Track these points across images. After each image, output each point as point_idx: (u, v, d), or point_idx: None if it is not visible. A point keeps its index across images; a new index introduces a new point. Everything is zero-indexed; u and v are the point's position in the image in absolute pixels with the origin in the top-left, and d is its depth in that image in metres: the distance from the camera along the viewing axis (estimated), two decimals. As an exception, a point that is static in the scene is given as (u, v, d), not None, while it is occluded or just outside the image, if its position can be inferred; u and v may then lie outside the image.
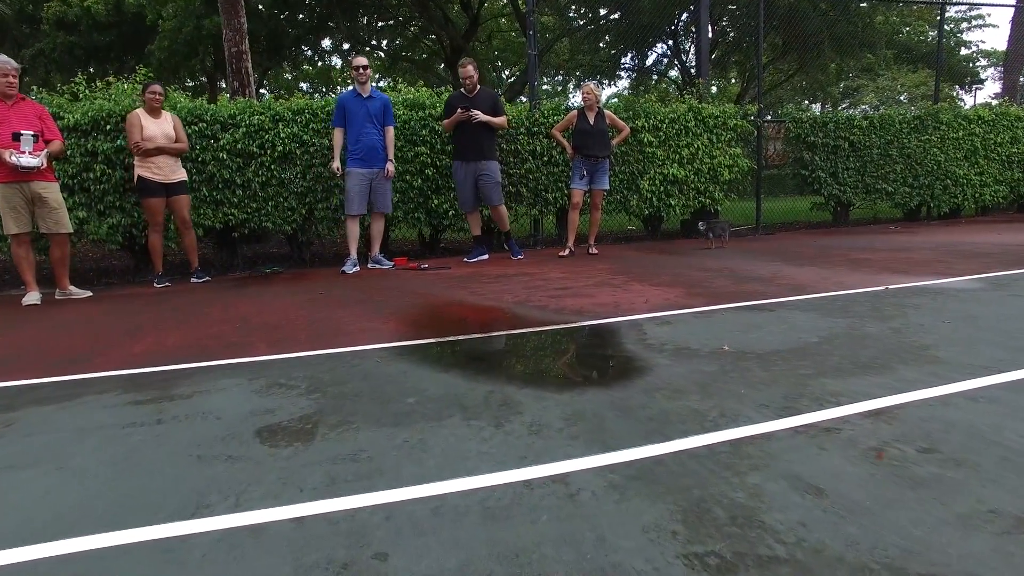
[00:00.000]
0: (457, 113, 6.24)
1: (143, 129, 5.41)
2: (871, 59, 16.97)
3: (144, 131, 5.41)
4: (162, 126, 5.52)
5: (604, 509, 1.57)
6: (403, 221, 7.06)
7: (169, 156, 5.57)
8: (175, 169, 5.63)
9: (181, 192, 5.70)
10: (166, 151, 5.51)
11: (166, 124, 5.55)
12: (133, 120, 5.44)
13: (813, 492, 1.62)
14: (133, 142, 5.43)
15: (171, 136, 5.56)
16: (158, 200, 5.56)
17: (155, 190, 5.52)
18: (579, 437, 2.00)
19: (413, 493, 1.68)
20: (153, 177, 5.51)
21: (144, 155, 5.44)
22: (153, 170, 5.50)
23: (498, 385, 2.55)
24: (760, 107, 9.09)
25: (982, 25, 25.41)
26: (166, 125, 5.55)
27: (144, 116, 5.46)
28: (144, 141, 5.39)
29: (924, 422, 2.06)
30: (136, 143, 5.41)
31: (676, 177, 7.86)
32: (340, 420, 2.23)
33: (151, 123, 5.46)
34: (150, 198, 5.54)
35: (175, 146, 5.58)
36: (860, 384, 2.44)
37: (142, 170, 5.49)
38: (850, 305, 3.86)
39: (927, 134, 9.47)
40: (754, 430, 2.03)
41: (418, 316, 3.94)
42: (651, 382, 2.52)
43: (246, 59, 8.47)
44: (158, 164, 5.51)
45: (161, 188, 5.55)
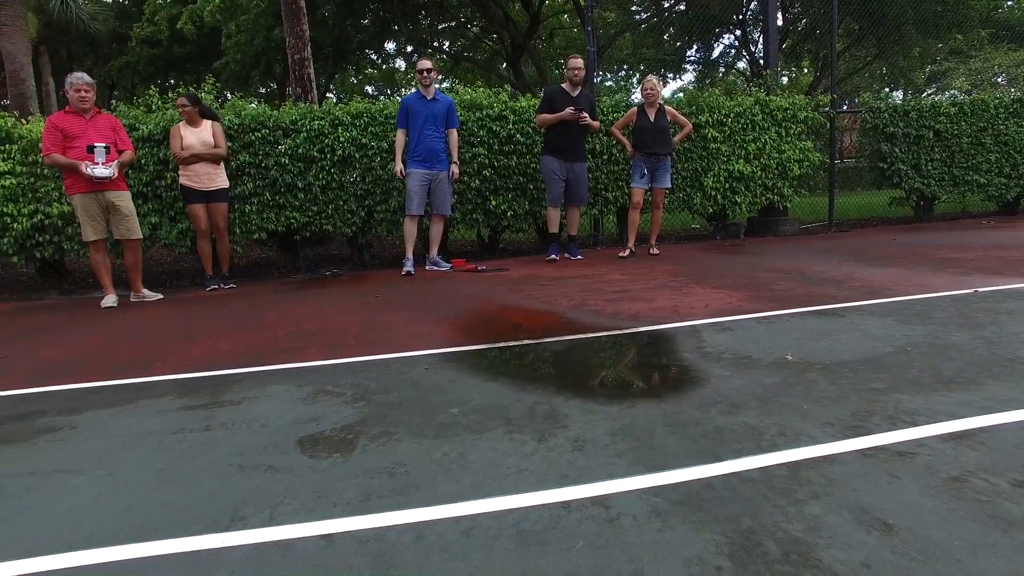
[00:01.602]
0: (566, 111, 6.07)
1: (182, 139, 5.63)
2: (960, 40, 15.82)
3: (183, 141, 5.63)
4: (200, 135, 5.70)
5: (644, 537, 1.46)
6: (461, 222, 7.06)
7: (208, 164, 5.73)
8: (213, 177, 5.78)
9: (220, 200, 5.85)
10: (203, 158, 5.67)
11: (204, 132, 5.73)
12: (173, 132, 5.69)
13: (881, 528, 1.46)
14: (174, 153, 5.68)
15: (209, 143, 5.73)
16: (200, 207, 5.75)
17: (196, 197, 5.72)
18: (625, 455, 1.90)
19: (446, 512, 1.62)
20: (193, 185, 5.71)
21: (183, 163, 5.66)
22: (192, 178, 5.70)
23: (545, 396, 2.46)
24: (833, 97, 8.62)
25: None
26: (204, 133, 5.72)
27: (183, 127, 5.69)
28: (182, 151, 5.62)
29: (1019, 449, 1.85)
30: (176, 154, 5.66)
31: (742, 173, 7.55)
32: (382, 431, 2.20)
33: (189, 133, 5.67)
34: (193, 205, 5.74)
35: (212, 151, 5.72)
36: (941, 402, 2.23)
37: (184, 179, 5.72)
38: (932, 311, 3.57)
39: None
40: (816, 452, 1.87)
41: (470, 321, 3.90)
42: (706, 395, 2.38)
43: (308, 66, 8.68)
44: (196, 172, 5.69)
45: (202, 195, 5.74)
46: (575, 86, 6.23)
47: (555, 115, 6.12)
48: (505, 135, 6.85)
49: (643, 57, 20.86)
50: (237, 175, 6.34)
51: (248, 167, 6.35)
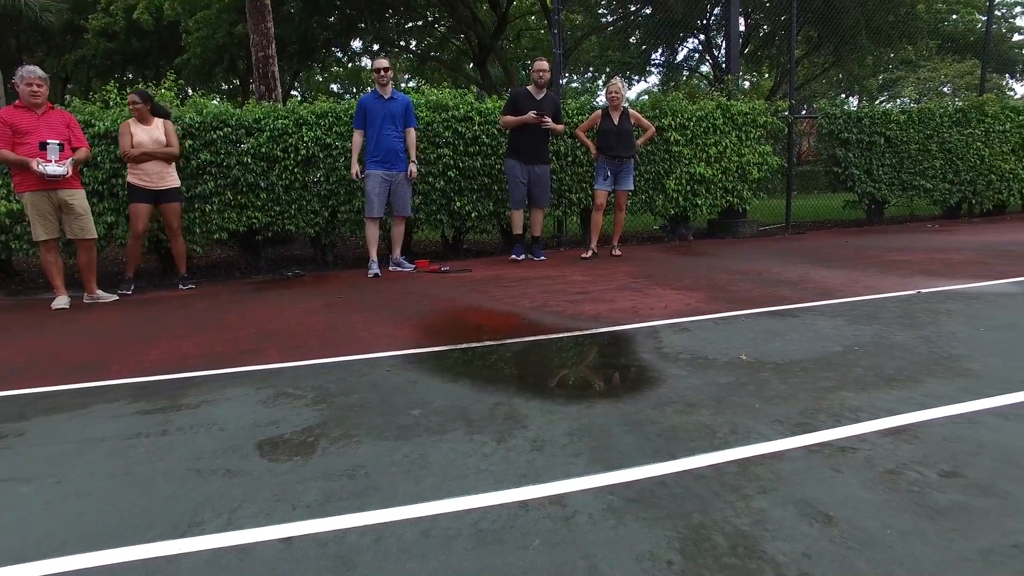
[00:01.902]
0: (528, 115, 6.14)
1: (132, 137, 5.48)
2: (909, 51, 16.42)
3: (133, 138, 5.48)
4: (152, 132, 5.56)
5: (599, 535, 1.50)
6: (426, 223, 7.05)
7: (159, 163, 5.58)
8: (164, 176, 5.63)
9: (172, 200, 5.71)
10: (155, 156, 5.53)
11: (156, 131, 5.59)
12: (123, 129, 5.53)
13: (822, 519, 1.54)
14: (122, 149, 5.52)
15: (161, 142, 5.59)
16: (144, 206, 5.59)
17: (142, 196, 5.57)
18: (582, 454, 1.94)
19: (406, 513, 1.64)
20: (141, 183, 5.55)
21: (133, 161, 5.51)
22: (142, 177, 5.55)
23: (506, 397, 2.50)
24: (792, 103, 8.85)
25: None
26: (156, 131, 5.58)
27: (134, 124, 5.54)
28: (132, 149, 5.47)
29: (949, 442, 1.95)
30: (124, 151, 5.50)
31: (703, 176, 7.70)
32: (343, 433, 2.21)
33: (140, 130, 5.52)
34: (137, 204, 5.57)
35: (164, 150, 5.58)
36: (883, 399, 2.33)
37: (132, 177, 5.56)
38: (879, 311, 3.71)
39: (970, 127, 9.09)
40: (765, 448, 1.94)
41: (433, 322, 3.92)
42: (663, 394, 2.44)
43: (272, 64, 8.56)
44: (146, 171, 5.54)
45: (149, 195, 5.59)
46: (540, 88, 6.30)
47: (518, 118, 6.20)
48: (470, 136, 6.86)
49: (609, 59, 21.08)
50: (198, 174, 6.23)
51: (209, 166, 6.24)
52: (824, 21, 14.38)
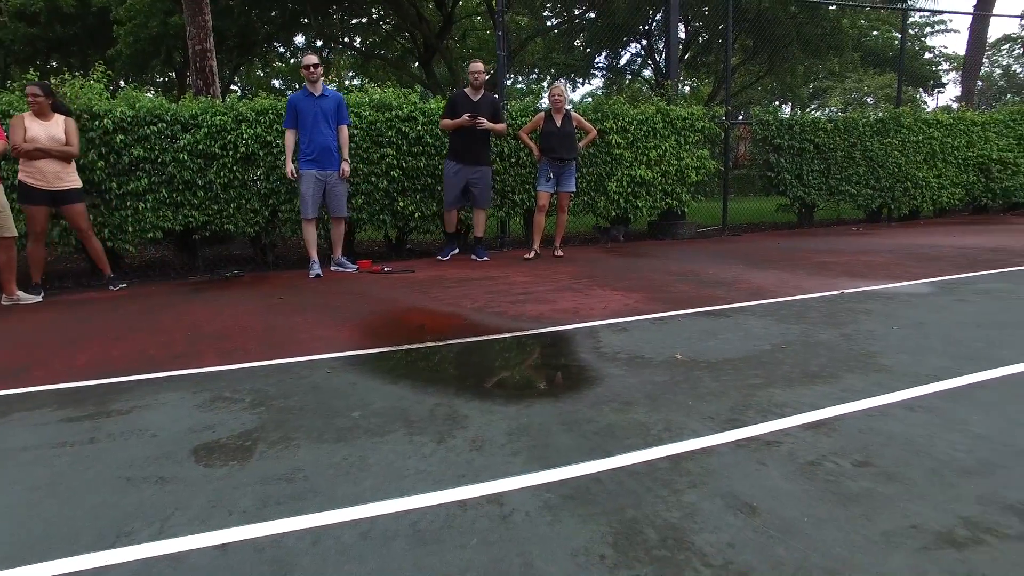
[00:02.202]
0: (463, 118, 6.21)
1: (26, 131, 5.06)
2: (835, 63, 17.25)
3: (27, 132, 5.05)
4: (49, 129, 5.15)
5: (536, 532, 1.55)
6: (368, 223, 6.98)
7: (55, 161, 5.16)
8: (62, 176, 5.21)
9: (73, 200, 5.30)
10: (50, 153, 5.11)
11: (54, 127, 5.18)
12: (15, 122, 5.09)
13: (747, 511, 1.62)
14: (13, 144, 5.05)
15: (59, 139, 5.18)
16: (38, 208, 5.16)
17: (36, 197, 5.13)
18: (520, 453, 1.98)
19: (344, 515, 1.65)
20: (34, 183, 5.11)
21: (26, 157, 5.08)
22: (36, 176, 5.11)
23: (446, 397, 2.52)
24: (728, 109, 9.15)
25: (944, 30, 26.31)
26: (54, 128, 5.17)
27: (29, 118, 5.12)
28: (24, 143, 5.03)
29: (863, 434, 2.08)
30: (15, 145, 5.04)
31: (644, 179, 7.88)
32: (281, 436, 2.19)
33: (36, 125, 5.11)
34: (29, 205, 5.14)
35: (62, 149, 5.16)
36: (806, 394, 2.46)
37: (24, 175, 5.12)
38: (806, 311, 3.90)
39: (889, 137, 9.62)
40: (697, 444, 2.03)
41: (374, 323, 3.90)
42: (601, 394, 2.51)
43: (210, 58, 8.30)
44: (40, 170, 5.12)
45: (45, 196, 5.16)
46: (477, 89, 6.38)
47: (454, 121, 6.28)
48: (414, 136, 6.84)
49: (554, 62, 21.30)
50: (130, 170, 6.00)
51: (143, 162, 6.02)
52: (759, 31, 14.94)
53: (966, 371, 2.68)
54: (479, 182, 6.47)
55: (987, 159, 10.35)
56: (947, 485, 1.73)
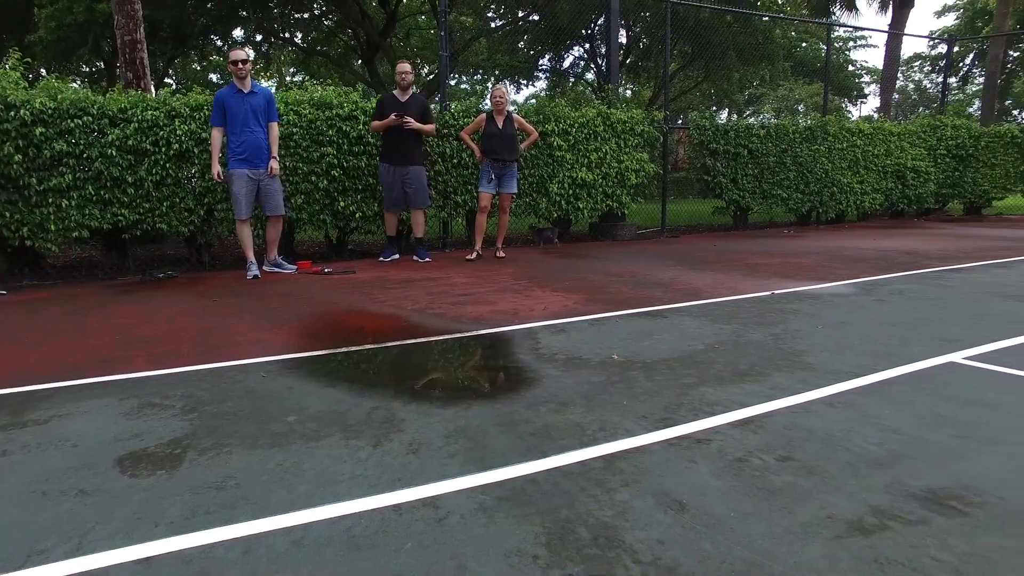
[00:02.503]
0: (389, 118, 6.25)
1: None
2: (767, 71, 17.94)
3: None
4: None
5: (470, 534, 1.56)
6: (308, 223, 6.85)
7: None
8: None
9: None
10: None
11: None
12: None
13: (676, 508, 1.67)
14: None
15: None
16: None
17: None
18: (457, 456, 1.99)
19: (277, 523, 1.63)
20: None
21: None
22: None
23: (384, 400, 2.51)
24: (667, 113, 9.38)
25: (865, 45, 27.90)
26: None
27: None
28: None
29: (787, 430, 2.18)
30: None
31: (585, 181, 8.00)
32: (213, 443, 2.13)
33: None
34: None
35: None
36: (736, 393, 2.55)
37: None
38: (738, 311, 4.04)
39: (816, 144, 10.06)
40: (630, 443, 2.08)
41: (313, 325, 3.83)
42: (538, 395, 2.54)
43: (141, 49, 7.97)
44: None
45: None
46: (404, 90, 6.42)
47: (383, 122, 6.31)
48: (355, 135, 6.74)
49: (498, 63, 21.35)
50: (52, 165, 5.71)
51: (66, 157, 5.73)
52: (697, 38, 15.37)
53: (881, 368, 2.83)
54: (412, 182, 6.46)
55: (903, 167, 10.96)
56: (860, 476, 1.84)
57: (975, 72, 26.69)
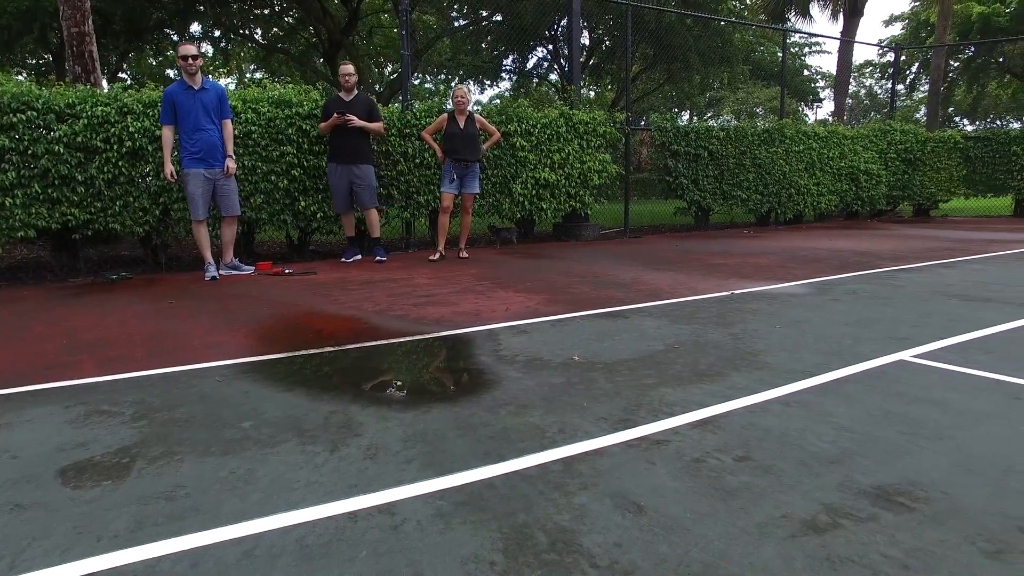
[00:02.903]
0: (333, 117, 6.22)
1: None
2: (727, 74, 18.28)
3: None
4: None
5: (427, 541, 1.54)
6: (269, 223, 6.72)
7: None
8: None
9: None
10: None
11: None
12: None
13: (634, 510, 1.68)
14: None
15: None
16: None
17: None
18: (415, 460, 1.97)
19: (228, 534, 1.58)
20: None
21: None
22: None
23: (342, 405, 2.47)
24: (628, 115, 9.47)
25: (820, 51, 28.76)
26: None
27: None
28: None
29: (744, 430, 2.20)
30: None
31: (548, 181, 8.02)
32: (163, 451, 2.07)
33: None
34: None
35: None
36: (695, 393, 2.58)
37: None
38: (698, 311, 4.09)
39: (774, 147, 10.28)
40: (589, 446, 2.08)
41: (271, 328, 3.76)
42: (498, 397, 2.53)
43: (90, 42, 7.71)
44: None
45: None
46: (349, 91, 6.40)
47: (327, 122, 6.30)
48: (316, 134, 6.65)
49: (462, 63, 21.29)
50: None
51: (9, 153, 5.52)
52: (658, 41, 15.55)
53: (834, 366, 2.90)
54: (361, 181, 6.42)
55: (856, 170, 11.28)
56: (814, 475, 1.87)
57: (921, 80, 27.71)
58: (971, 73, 24.60)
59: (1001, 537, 1.53)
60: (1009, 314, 3.90)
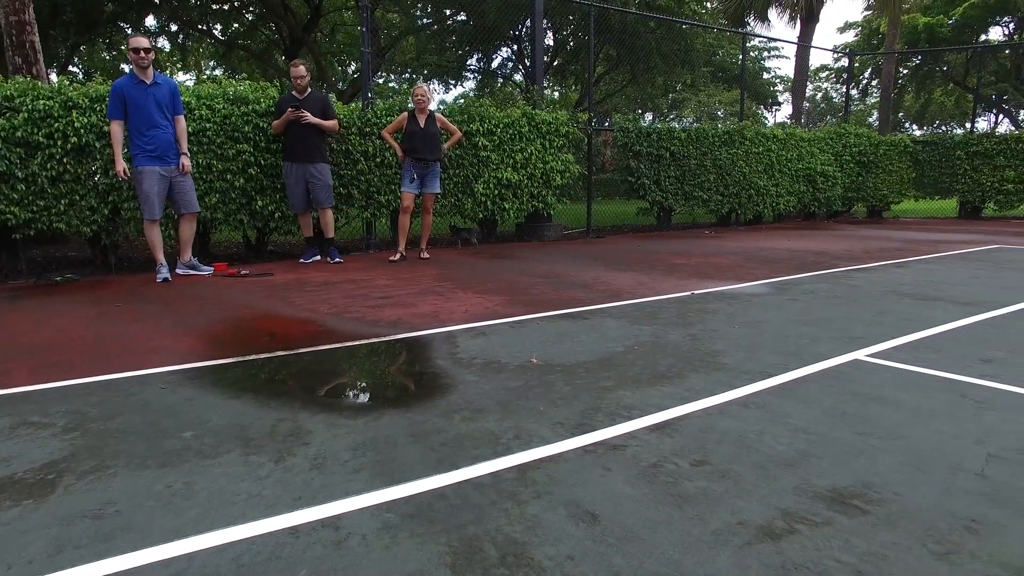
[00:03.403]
0: (286, 113, 6.11)
1: None
2: (689, 77, 18.52)
3: None
4: None
5: (371, 556, 1.47)
6: (224, 223, 6.53)
7: None
8: None
9: None
10: None
11: None
12: None
13: (588, 520, 1.63)
14: None
15: None
16: None
17: None
18: (363, 470, 1.89)
19: (157, 554, 1.48)
20: None
21: None
22: None
23: (291, 411, 2.37)
24: (591, 115, 9.48)
25: (779, 55, 29.44)
26: None
27: None
28: None
29: (702, 433, 2.18)
30: None
31: (510, 181, 7.98)
32: (95, 465, 1.95)
33: None
34: None
35: None
36: (653, 395, 2.55)
37: None
38: (659, 311, 4.08)
39: (735, 148, 10.41)
40: (545, 452, 2.03)
41: (222, 332, 3.62)
42: (453, 402, 2.46)
43: (31, 32, 7.39)
44: None
45: None
46: (302, 91, 6.28)
47: (280, 120, 6.20)
48: (271, 133, 6.48)
49: (426, 62, 21.10)
50: (-77, 158, 5.21)
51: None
52: (622, 42, 15.65)
53: (792, 367, 2.90)
54: (316, 179, 6.32)
55: (813, 172, 11.50)
56: (770, 478, 1.85)
57: (873, 85, 28.55)
58: (918, 80, 25.48)
59: (950, 538, 1.53)
60: (956, 313, 3.99)
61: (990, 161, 12.03)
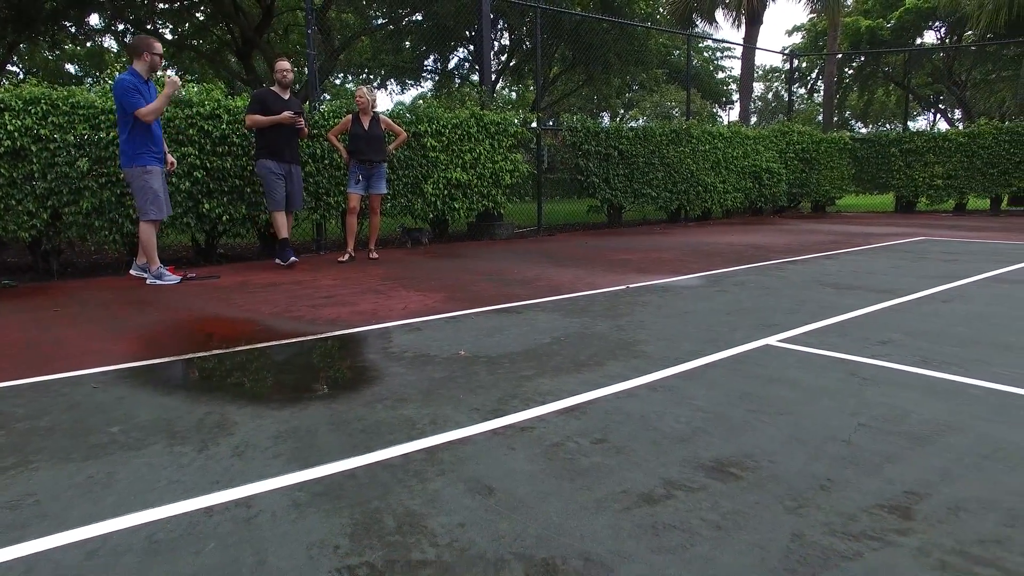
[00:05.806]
0: (284, 115, 6.05)
1: None
2: (643, 76, 18.88)
3: None
4: None
5: (277, 530, 1.58)
6: (171, 226, 6.49)
7: None
8: None
9: None
10: None
11: None
12: None
13: (484, 492, 1.77)
14: None
15: None
16: None
17: None
18: (282, 456, 2.00)
19: (71, 537, 1.57)
20: None
21: None
22: None
23: (219, 406, 2.46)
24: (539, 115, 9.65)
25: (732, 56, 30.24)
26: None
27: None
28: None
29: (608, 414, 2.33)
30: None
31: (460, 181, 8.09)
32: (18, 461, 2.01)
33: None
34: None
35: None
36: (569, 382, 2.70)
37: None
38: (591, 305, 4.25)
39: (682, 146, 10.71)
40: (456, 435, 2.16)
41: (160, 333, 3.66)
42: (378, 392, 2.58)
43: (-33, 36, 7.24)
44: None
45: None
46: (284, 88, 6.26)
47: (271, 118, 6.07)
48: (219, 135, 6.46)
49: (383, 63, 21.06)
50: None
51: None
52: (576, 43, 15.89)
53: (707, 353, 3.09)
54: (298, 181, 6.40)
55: (759, 169, 11.89)
56: (662, 453, 2.01)
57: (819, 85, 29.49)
58: (862, 80, 26.45)
59: (804, 495, 1.71)
60: (869, 300, 4.24)
61: (921, 158, 12.60)
